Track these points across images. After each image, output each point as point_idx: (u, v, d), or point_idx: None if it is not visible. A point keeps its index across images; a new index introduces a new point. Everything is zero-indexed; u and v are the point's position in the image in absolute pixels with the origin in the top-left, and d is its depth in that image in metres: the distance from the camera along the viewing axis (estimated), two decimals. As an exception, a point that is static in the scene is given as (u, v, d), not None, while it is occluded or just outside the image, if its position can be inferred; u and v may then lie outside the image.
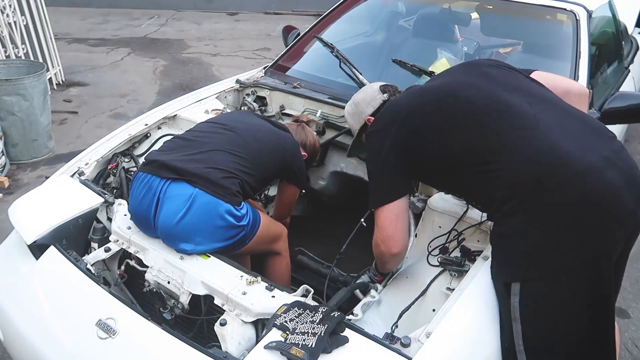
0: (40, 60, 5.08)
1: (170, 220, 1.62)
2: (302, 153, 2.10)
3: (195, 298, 1.58)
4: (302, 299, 1.46)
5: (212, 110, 2.41)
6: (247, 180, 1.76)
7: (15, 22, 4.79)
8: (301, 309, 1.38)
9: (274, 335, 1.32)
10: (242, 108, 2.64)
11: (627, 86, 2.99)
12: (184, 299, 1.57)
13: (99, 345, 1.44)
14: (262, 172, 1.86)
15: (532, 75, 1.65)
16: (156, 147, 2.28)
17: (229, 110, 2.45)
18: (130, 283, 1.80)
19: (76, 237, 1.84)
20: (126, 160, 2.22)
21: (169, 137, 2.17)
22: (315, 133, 2.28)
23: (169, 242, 1.66)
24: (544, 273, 1.36)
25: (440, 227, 1.75)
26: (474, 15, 2.93)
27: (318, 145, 2.26)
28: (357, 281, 1.85)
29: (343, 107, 2.36)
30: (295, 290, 1.52)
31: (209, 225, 1.64)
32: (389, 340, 1.35)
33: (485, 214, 1.63)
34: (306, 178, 2.13)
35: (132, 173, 2.14)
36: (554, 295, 1.38)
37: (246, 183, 1.76)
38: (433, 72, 2.34)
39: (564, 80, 1.80)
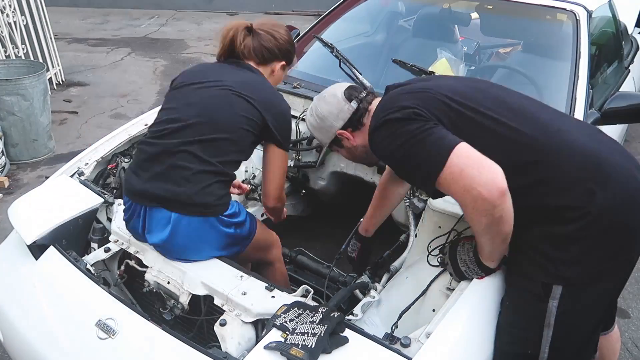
0: (40, 60, 5.08)
1: (159, 244, 1.62)
2: (279, 63, 1.82)
3: (195, 298, 1.58)
4: (302, 299, 1.46)
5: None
6: (223, 171, 1.63)
7: (15, 22, 4.79)
8: (301, 309, 1.38)
9: (274, 335, 1.32)
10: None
11: (627, 86, 2.99)
12: (184, 299, 1.57)
13: (99, 345, 1.44)
14: (235, 150, 1.66)
15: None
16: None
17: None
18: (130, 283, 1.81)
19: (76, 238, 1.84)
20: (126, 160, 2.22)
21: None
22: (276, 28, 1.83)
23: (166, 257, 1.66)
24: (591, 278, 1.33)
25: (440, 227, 1.75)
26: (474, 15, 2.92)
27: (287, 38, 1.84)
28: (357, 281, 1.85)
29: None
30: (295, 291, 1.52)
31: (199, 241, 1.61)
32: (389, 340, 1.35)
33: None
34: (289, 137, 1.81)
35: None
36: (592, 300, 1.36)
37: (224, 173, 1.64)
38: (433, 72, 2.34)
39: None
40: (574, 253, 1.29)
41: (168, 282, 1.61)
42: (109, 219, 1.92)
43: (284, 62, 1.84)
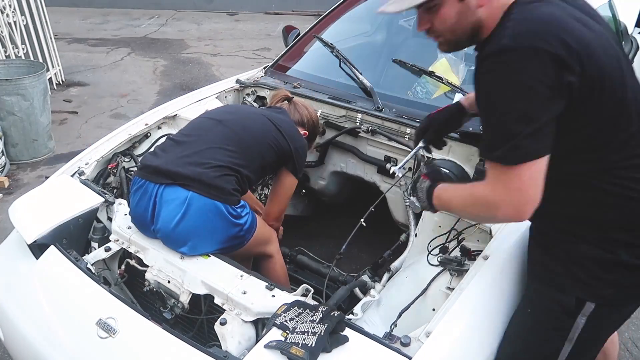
0: (40, 60, 5.08)
1: (168, 225, 1.63)
2: (302, 132, 2.08)
3: (195, 297, 1.58)
4: (302, 299, 1.46)
5: (212, 110, 2.41)
6: (243, 173, 1.75)
7: (15, 22, 4.79)
8: (301, 309, 1.39)
9: (274, 334, 1.32)
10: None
11: (627, 86, 2.98)
12: (184, 299, 1.57)
13: (99, 344, 1.44)
14: (258, 161, 1.82)
15: None
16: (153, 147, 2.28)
17: None
18: (130, 282, 1.81)
19: (76, 237, 1.84)
20: (126, 160, 2.23)
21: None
22: (310, 106, 2.20)
23: (169, 245, 1.67)
24: (625, 299, 1.29)
25: (440, 226, 1.76)
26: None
27: (316, 118, 2.19)
28: (356, 280, 1.85)
29: (343, 107, 2.37)
30: (295, 290, 1.53)
31: (207, 227, 1.64)
32: (388, 339, 1.35)
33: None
34: (303, 169, 2.04)
35: (132, 173, 2.15)
36: (616, 320, 1.35)
37: (243, 177, 1.75)
38: (433, 72, 2.35)
39: None
40: (618, 276, 1.23)
41: (168, 282, 1.61)
42: (110, 219, 1.92)
43: (306, 132, 2.11)
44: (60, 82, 5.61)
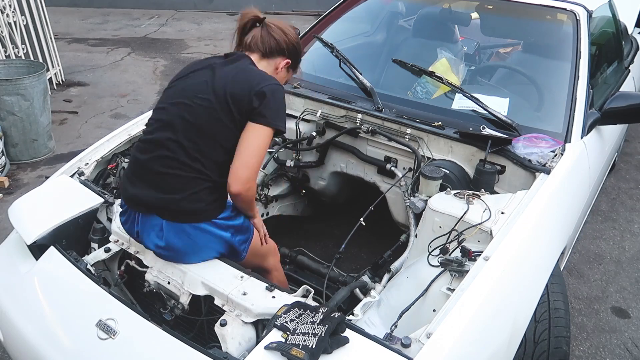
0: (40, 60, 5.08)
1: (156, 249, 1.62)
2: (283, 61, 1.72)
3: (195, 299, 1.58)
4: (303, 300, 1.46)
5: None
6: (213, 178, 1.58)
7: (15, 22, 4.79)
8: (301, 310, 1.38)
9: (275, 335, 1.32)
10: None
11: (627, 86, 2.99)
12: (184, 300, 1.57)
13: (99, 345, 1.44)
14: (220, 147, 1.57)
15: None
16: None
17: None
18: (130, 283, 1.81)
19: (76, 238, 1.84)
20: (126, 160, 2.22)
21: None
22: (286, 27, 1.74)
23: (168, 261, 1.66)
24: None
25: (440, 227, 1.75)
26: (474, 15, 2.92)
27: (296, 38, 1.74)
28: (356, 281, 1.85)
29: (343, 107, 2.37)
30: (295, 291, 1.52)
31: (194, 246, 1.60)
32: (389, 340, 1.35)
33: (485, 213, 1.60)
34: (279, 116, 1.61)
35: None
36: None
37: (215, 178, 1.58)
38: (433, 72, 2.34)
39: None
40: None
41: (168, 283, 1.60)
42: (109, 219, 1.92)
43: (288, 61, 1.73)
44: (60, 82, 5.61)
